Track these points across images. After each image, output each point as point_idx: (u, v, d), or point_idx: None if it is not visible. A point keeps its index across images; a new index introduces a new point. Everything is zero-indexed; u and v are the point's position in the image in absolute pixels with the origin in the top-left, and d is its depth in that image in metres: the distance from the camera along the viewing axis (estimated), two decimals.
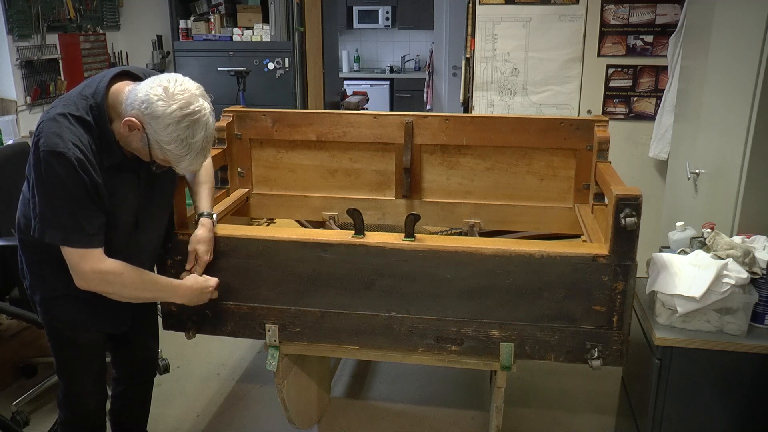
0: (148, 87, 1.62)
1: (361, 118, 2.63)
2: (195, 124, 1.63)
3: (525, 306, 1.95)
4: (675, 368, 1.96)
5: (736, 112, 2.36)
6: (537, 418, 2.81)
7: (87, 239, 1.66)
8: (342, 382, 3.10)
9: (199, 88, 1.70)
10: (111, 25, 4.96)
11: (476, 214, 2.64)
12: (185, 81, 1.68)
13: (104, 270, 1.70)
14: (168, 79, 1.65)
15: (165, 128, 1.61)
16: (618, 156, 2.95)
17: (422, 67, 8.18)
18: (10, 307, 2.57)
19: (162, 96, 1.60)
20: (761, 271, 1.94)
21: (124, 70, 1.75)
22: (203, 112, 1.65)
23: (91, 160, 1.62)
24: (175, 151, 1.64)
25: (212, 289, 2.00)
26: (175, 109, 1.60)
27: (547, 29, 3.66)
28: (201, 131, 1.65)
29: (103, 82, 1.68)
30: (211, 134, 1.71)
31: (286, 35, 4.79)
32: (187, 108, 1.62)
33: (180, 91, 1.63)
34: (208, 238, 2.01)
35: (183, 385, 3.05)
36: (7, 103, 3.99)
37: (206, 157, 1.75)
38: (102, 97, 1.65)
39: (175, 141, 1.62)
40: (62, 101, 1.68)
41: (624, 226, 1.81)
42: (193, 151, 1.66)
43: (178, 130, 1.61)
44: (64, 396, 1.99)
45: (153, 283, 1.86)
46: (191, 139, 1.63)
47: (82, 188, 1.61)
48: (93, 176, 1.62)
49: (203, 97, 1.68)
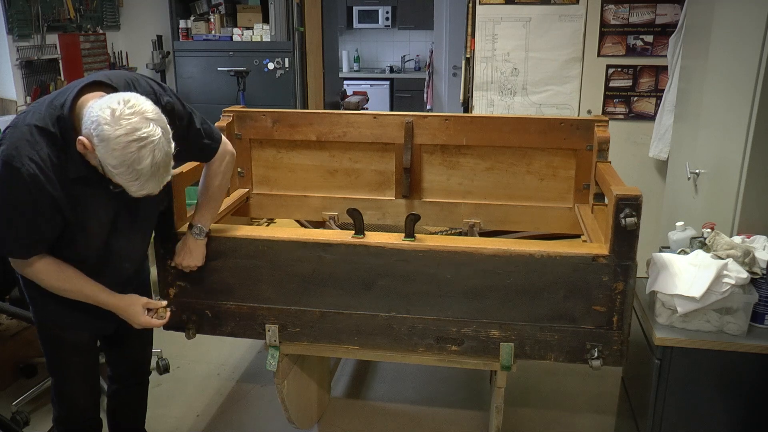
0: (99, 108, 1.55)
1: (361, 118, 2.63)
2: (142, 150, 1.54)
3: (525, 306, 1.95)
4: (675, 368, 1.96)
5: (736, 112, 2.36)
6: (537, 418, 2.81)
7: (20, 246, 1.71)
8: (342, 382, 3.10)
9: (154, 111, 1.59)
10: (111, 25, 4.96)
11: (476, 214, 2.64)
12: (138, 103, 1.57)
13: (26, 270, 1.77)
14: (119, 101, 1.55)
15: (111, 152, 1.54)
16: (618, 156, 2.95)
17: (422, 67, 8.18)
18: (10, 307, 2.58)
19: (108, 120, 1.52)
20: (761, 271, 1.94)
21: (97, 80, 1.68)
22: (151, 138, 1.55)
23: (48, 175, 1.61)
24: (123, 175, 1.58)
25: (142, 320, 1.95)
26: (120, 134, 1.52)
27: (547, 29, 3.66)
28: (148, 157, 1.55)
29: (72, 92, 1.63)
30: (162, 160, 1.59)
31: (286, 35, 4.79)
32: (133, 134, 1.53)
33: (128, 115, 1.54)
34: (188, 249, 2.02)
35: (183, 385, 3.05)
36: (7, 103, 3.99)
37: (160, 181, 1.63)
38: (68, 110, 1.61)
39: (122, 166, 1.55)
40: (33, 108, 1.67)
41: (624, 226, 1.81)
42: (142, 177, 1.57)
43: (124, 156, 1.54)
44: (55, 394, 2.03)
45: (81, 289, 1.84)
46: (137, 165, 1.55)
47: (29, 203, 1.62)
48: (47, 191, 1.62)
49: (155, 122, 1.57)
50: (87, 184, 1.68)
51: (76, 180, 1.66)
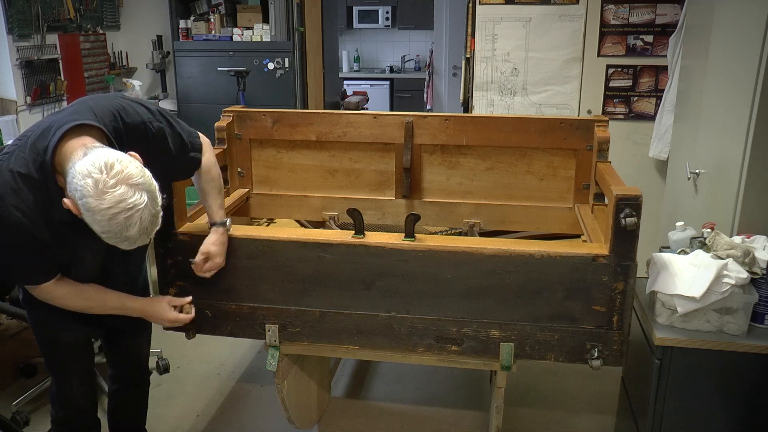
0: (81, 176, 1.49)
1: (361, 118, 2.63)
2: (129, 220, 1.52)
3: (525, 306, 1.95)
4: (675, 368, 1.96)
5: (736, 112, 2.36)
6: (537, 418, 2.81)
7: (29, 279, 1.76)
8: (342, 382, 3.10)
9: (139, 174, 1.54)
10: (111, 25, 4.95)
11: (476, 214, 2.64)
12: (121, 168, 1.51)
13: (49, 297, 1.80)
14: (101, 167, 1.49)
15: (98, 222, 1.53)
16: (618, 156, 2.95)
17: (422, 67, 8.18)
18: (10, 307, 2.58)
19: (91, 193, 1.49)
20: (761, 271, 1.94)
21: (80, 124, 1.61)
22: (137, 207, 1.52)
23: (34, 220, 1.62)
24: (111, 240, 1.57)
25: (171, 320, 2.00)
26: (104, 208, 1.50)
27: (547, 29, 3.66)
28: (135, 225, 1.53)
29: (54, 138, 1.58)
30: (150, 222, 1.57)
31: (286, 35, 4.79)
32: (117, 206, 1.50)
33: (112, 187, 1.49)
34: (221, 241, 2.01)
35: (183, 385, 3.05)
36: (7, 103, 3.99)
37: (149, 238, 1.62)
38: (50, 157, 1.59)
39: (109, 233, 1.54)
40: (16, 149, 1.65)
41: (624, 226, 1.81)
42: (131, 240, 1.57)
43: (110, 225, 1.52)
44: (54, 394, 2.04)
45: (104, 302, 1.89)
46: (126, 232, 1.54)
47: (21, 245, 1.66)
48: (33, 236, 1.64)
49: (140, 186, 1.53)
50: (70, 227, 1.67)
51: (60, 222, 1.66)
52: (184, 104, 4.94)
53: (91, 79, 4.61)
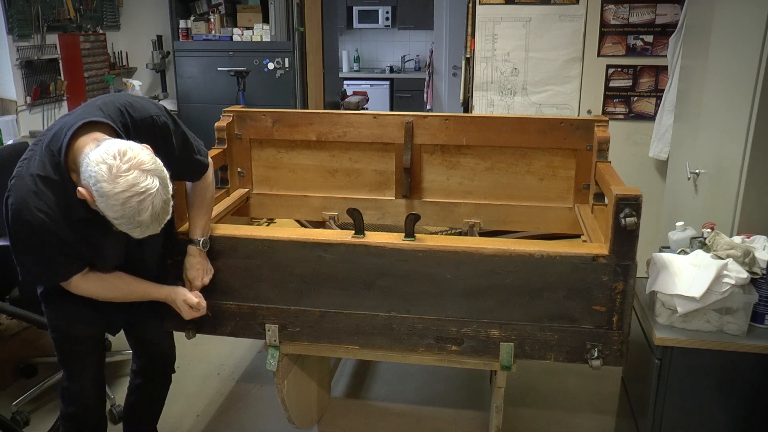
0: (95, 163, 1.56)
1: (361, 118, 2.63)
2: (141, 204, 1.58)
3: (525, 306, 1.95)
4: (675, 368, 1.96)
5: (736, 112, 2.36)
6: (537, 418, 2.81)
7: (59, 276, 1.82)
8: (342, 382, 3.10)
9: (150, 160, 1.61)
10: (111, 25, 4.96)
11: (476, 214, 2.64)
12: (134, 155, 1.58)
13: (78, 290, 1.86)
14: (115, 154, 1.56)
15: (111, 207, 1.58)
16: (618, 156, 2.95)
17: (422, 67, 8.18)
18: (10, 307, 2.57)
19: (105, 177, 1.55)
20: (761, 271, 1.94)
21: (89, 121, 1.66)
22: (149, 192, 1.58)
23: (56, 220, 1.68)
24: (124, 225, 1.62)
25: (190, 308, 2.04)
26: (118, 191, 1.55)
27: (547, 29, 3.66)
28: (147, 210, 1.59)
29: (66, 138, 1.64)
30: (162, 208, 1.63)
31: (286, 35, 4.79)
32: (131, 190, 1.56)
33: (125, 171, 1.55)
34: (197, 263, 2.04)
35: (183, 385, 3.05)
36: (7, 103, 3.99)
37: (161, 224, 1.67)
38: (64, 157, 1.64)
39: (122, 218, 1.59)
40: (33, 156, 1.70)
41: (624, 226, 1.81)
42: (143, 225, 1.62)
43: (123, 210, 1.58)
44: (64, 390, 2.07)
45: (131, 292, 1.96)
46: (138, 217, 1.59)
47: (45, 245, 1.72)
48: (56, 235, 1.70)
49: (152, 172, 1.59)
50: (89, 225, 1.73)
51: (79, 220, 1.71)
52: (184, 104, 4.94)
53: (91, 79, 4.61)
